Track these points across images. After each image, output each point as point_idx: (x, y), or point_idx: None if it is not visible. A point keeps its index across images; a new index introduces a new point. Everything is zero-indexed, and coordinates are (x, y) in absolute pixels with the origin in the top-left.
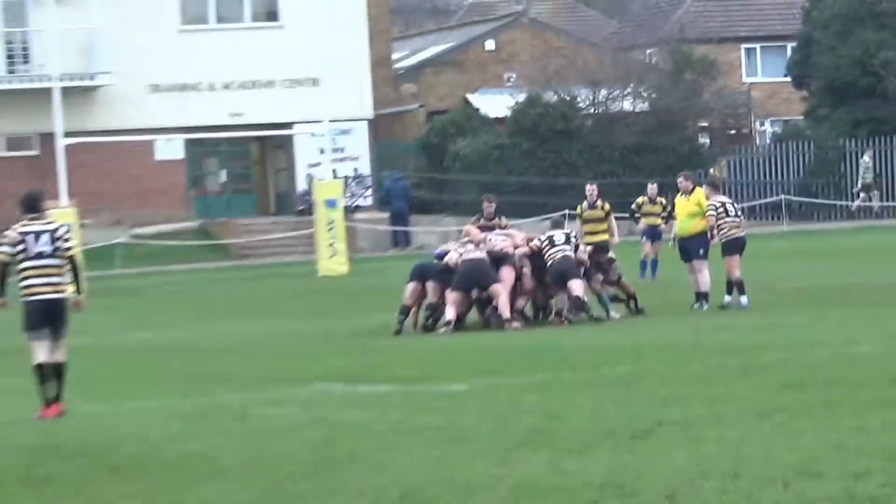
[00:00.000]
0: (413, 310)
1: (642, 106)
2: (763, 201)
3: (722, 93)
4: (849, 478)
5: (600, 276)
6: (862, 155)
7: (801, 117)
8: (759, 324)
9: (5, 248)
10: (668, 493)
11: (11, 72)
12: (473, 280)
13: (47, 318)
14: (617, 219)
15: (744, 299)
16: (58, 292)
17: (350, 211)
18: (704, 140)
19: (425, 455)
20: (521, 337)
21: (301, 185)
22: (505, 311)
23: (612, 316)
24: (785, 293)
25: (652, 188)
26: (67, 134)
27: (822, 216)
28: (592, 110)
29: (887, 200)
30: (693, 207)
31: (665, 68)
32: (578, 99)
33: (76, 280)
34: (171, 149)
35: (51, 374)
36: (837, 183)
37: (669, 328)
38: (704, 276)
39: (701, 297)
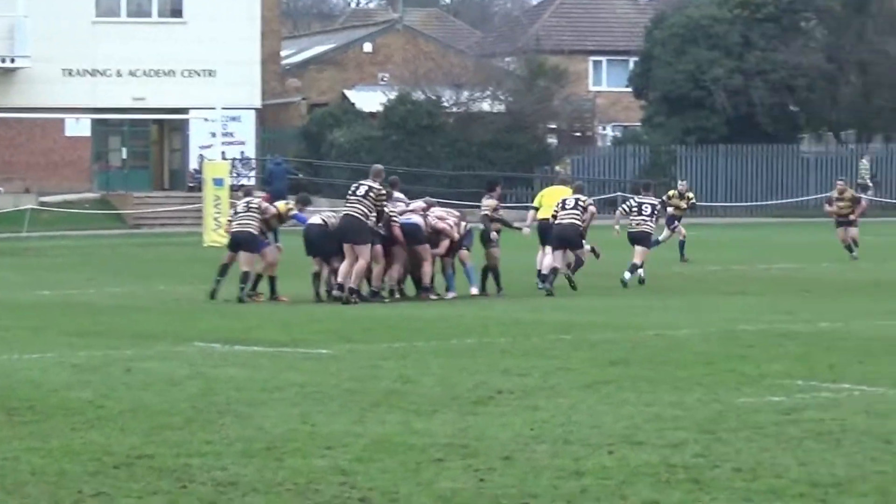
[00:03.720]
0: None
1: (499, 107)
2: (602, 197)
3: (570, 99)
4: (666, 447)
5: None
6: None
7: (638, 124)
8: (592, 305)
9: None
10: (506, 454)
11: None
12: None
13: None
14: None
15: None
16: None
17: (235, 189)
18: (552, 140)
19: (290, 410)
20: (385, 308)
21: (193, 164)
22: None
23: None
24: (615, 278)
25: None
26: None
27: None
28: (455, 109)
29: (705, 201)
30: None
31: (521, 75)
32: (443, 98)
33: None
34: (79, 127)
35: None
36: (668, 183)
37: (514, 306)
38: (548, 259)
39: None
